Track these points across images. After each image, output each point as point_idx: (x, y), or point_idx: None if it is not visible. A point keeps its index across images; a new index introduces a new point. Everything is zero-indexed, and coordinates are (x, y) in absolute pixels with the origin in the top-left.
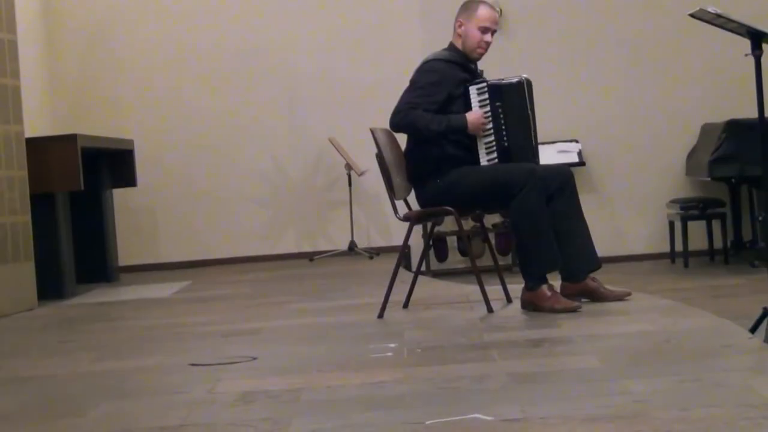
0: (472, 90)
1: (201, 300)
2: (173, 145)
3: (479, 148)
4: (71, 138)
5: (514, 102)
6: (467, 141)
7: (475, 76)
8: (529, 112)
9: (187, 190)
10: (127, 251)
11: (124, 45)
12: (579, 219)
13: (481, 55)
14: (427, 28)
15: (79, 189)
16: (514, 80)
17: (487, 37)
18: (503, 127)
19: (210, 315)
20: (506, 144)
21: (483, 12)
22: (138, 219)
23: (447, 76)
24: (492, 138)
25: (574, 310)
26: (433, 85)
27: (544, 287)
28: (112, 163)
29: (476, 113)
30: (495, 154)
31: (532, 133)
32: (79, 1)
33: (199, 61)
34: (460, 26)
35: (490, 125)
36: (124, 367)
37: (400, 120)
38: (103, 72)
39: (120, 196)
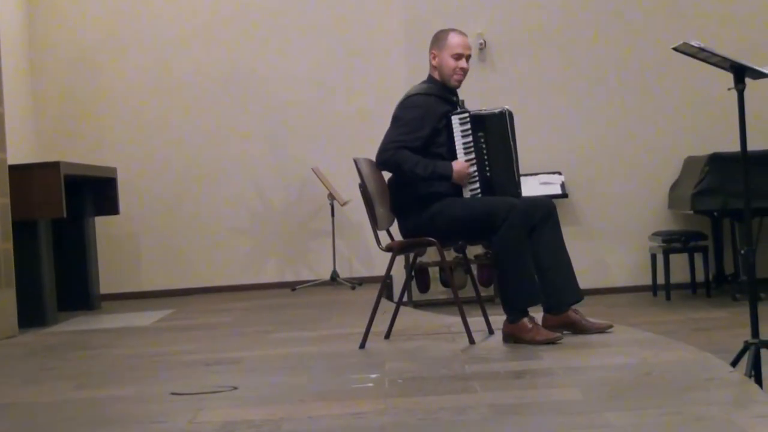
0: (455, 120)
1: (183, 329)
2: (156, 174)
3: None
4: (54, 165)
5: (496, 132)
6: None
7: (456, 106)
8: (512, 142)
9: (170, 218)
10: (109, 279)
11: (108, 73)
12: (561, 251)
13: (459, 82)
14: (411, 59)
15: (62, 216)
16: (497, 111)
17: (462, 63)
18: (485, 158)
19: (192, 344)
20: (488, 174)
21: (453, 39)
22: (120, 247)
23: (430, 111)
24: (474, 168)
25: (554, 342)
26: (416, 121)
27: (525, 320)
28: (95, 191)
29: (462, 163)
30: (477, 185)
31: (515, 164)
32: (63, 29)
33: (183, 89)
34: (434, 58)
35: (475, 168)
36: (105, 396)
37: (387, 159)
38: (87, 100)
39: (102, 223)
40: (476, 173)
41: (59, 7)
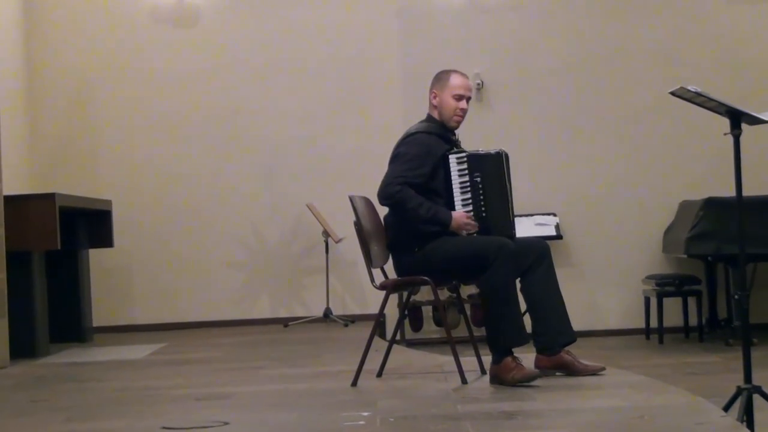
0: (452, 159)
1: (174, 363)
2: (151, 207)
3: None
4: (50, 197)
5: (492, 173)
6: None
7: (454, 146)
8: (507, 183)
9: (164, 252)
10: (102, 312)
11: (104, 107)
12: (555, 292)
13: (459, 123)
14: (407, 97)
15: (56, 248)
16: (493, 152)
17: (462, 104)
18: (481, 198)
19: (183, 378)
20: (484, 214)
21: (455, 80)
22: (114, 280)
23: (431, 149)
24: (471, 208)
25: (533, 378)
26: (420, 158)
27: (508, 359)
28: (90, 223)
29: (462, 214)
30: (471, 217)
31: (510, 205)
32: (61, 62)
33: (179, 124)
34: (434, 97)
35: (473, 221)
36: (95, 429)
37: (392, 193)
38: (83, 132)
39: (96, 256)
40: (472, 209)
41: (56, 41)
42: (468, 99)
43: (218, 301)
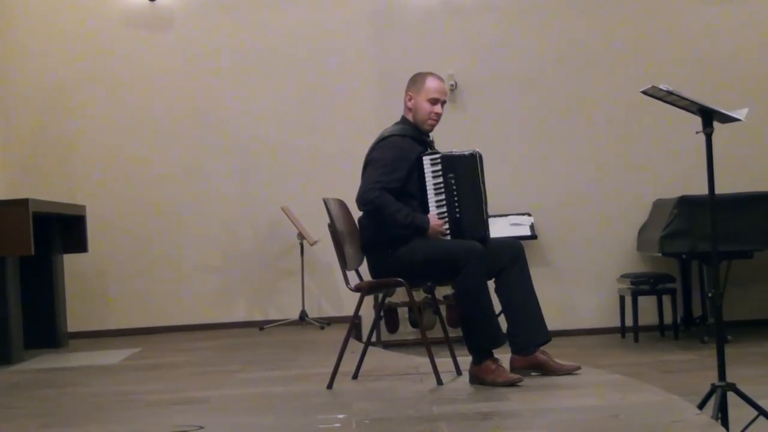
0: (426, 160)
1: (149, 368)
2: (126, 212)
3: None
4: (23, 202)
5: (466, 174)
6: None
7: (429, 147)
8: (481, 184)
9: (138, 256)
10: (77, 317)
11: (78, 110)
12: (529, 292)
13: (433, 126)
14: (382, 99)
15: (30, 254)
16: (467, 153)
17: (437, 108)
18: (455, 199)
19: (158, 383)
20: (458, 216)
21: (431, 83)
22: (88, 285)
23: (405, 153)
24: (444, 209)
25: (514, 384)
26: (395, 161)
27: (489, 361)
28: (64, 228)
29: (436, 220)
30: (447, 226)
31: (484, 206)
32: (34, 66)
33: (153, 127)
34: (409, 100)
35: (446, 226)
36: None
37: (372, 199)
38: (57, 137)
39: (71, 261)
40: (446, 210)
41: (29, 45)
42: (443, 103)
43: (193, 305)
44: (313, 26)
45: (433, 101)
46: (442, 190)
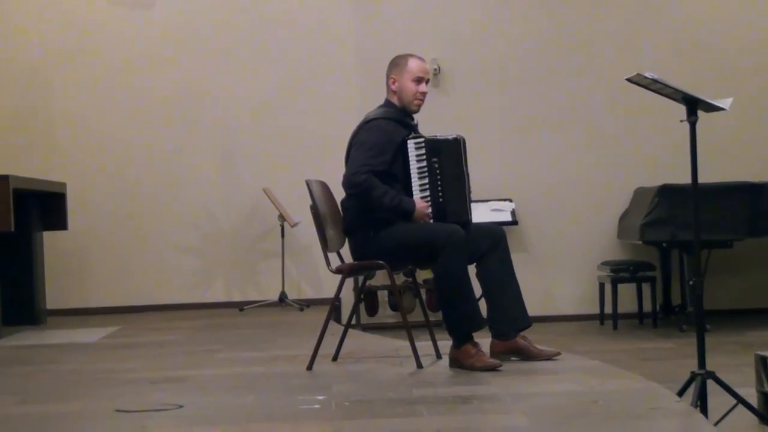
0: (410, 144)
1: (129, 346)
2: (105, 190)
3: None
4: (3, 179)
5: (450, 158)
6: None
7: (413, 131)
8: (465, 169)
9: (118, 235)
10: (56, 294)
11: (59, 88)
12: (510, 277)
13: (419, 106)
14: (364, 82)
15: (10, 230)
16: (451, 137)
17: (422, 87)
18: (439, 183)
19: (137, 361)
20: (441, 200)
21: (413, 64)
22: (68, 262)
23: (392, 136)
24: (428, 194)
25: (494, 369)
26: (381, 144)
27: (469, 345)
28: (44, 206)
29: (422, 203)
30: (430, 210)
31: (467, 191)
32: (14, 44)
33: (134, 106)
34: (393, 83)
35: (430, 210)
36: (48, 412)
37: (359, 182)
38: (37, 114)
39: (50, 238)
40: (429, 194)
41: (9, 20)
42: (427, 81)
43: (173, 285)
44: (297, 8)
45: (418, 80)
46: (426, 174)
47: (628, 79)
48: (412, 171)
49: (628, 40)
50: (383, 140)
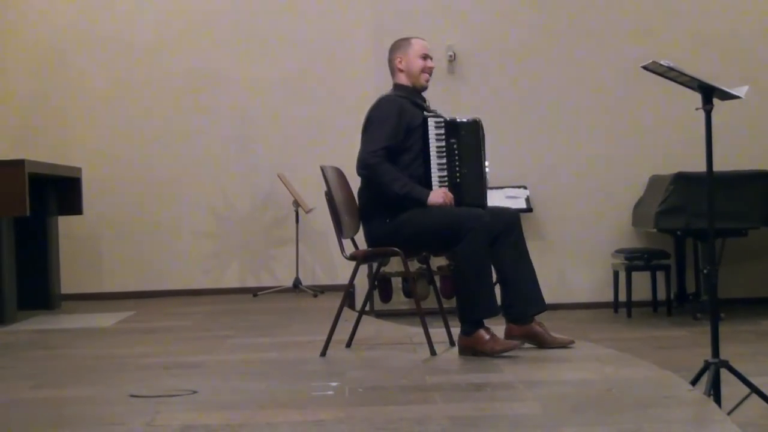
0: (431, 123)
1: (143, 331)
2: (121, 175)
3: (432, 183)
4: (19, 163)
5: (468, 140)
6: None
7: (425, 110)
8: (482, 152)
9: (134, 220)
10: (71, 279)
11: (76, 73)
12: (525, 261)
13: (428, 81)
14: (379, 68)
15: (25, 215)
16: (470, 119)
17: (429, 62)
18: (456, 164)
19: (151, 346)
20: (458, 180)
21: (416, 42)
22: (83, 247)
23: (404, 111)
24: (445, 173)
25: (514, 348)
26: (391, 118)
27: (482, 331)
28: (59, 190)
29: (439, 194)
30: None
31: (483, 173)
32: (30, 27)
33: (150, 91)
34: (400, 62)
35: (450, 198)
36: (63, 396)
37: (373, 164)
38: (54, 99)
39: (65, 223)
40: (446, 174)
41: (26, 5)
42: (431, 59)
43: (187, 270)
44: None
45: (424, 56)
46: (444, 153)
47: (644, 67)
48: (431, 150)
49: (644, 27)
50: (393, 114)
